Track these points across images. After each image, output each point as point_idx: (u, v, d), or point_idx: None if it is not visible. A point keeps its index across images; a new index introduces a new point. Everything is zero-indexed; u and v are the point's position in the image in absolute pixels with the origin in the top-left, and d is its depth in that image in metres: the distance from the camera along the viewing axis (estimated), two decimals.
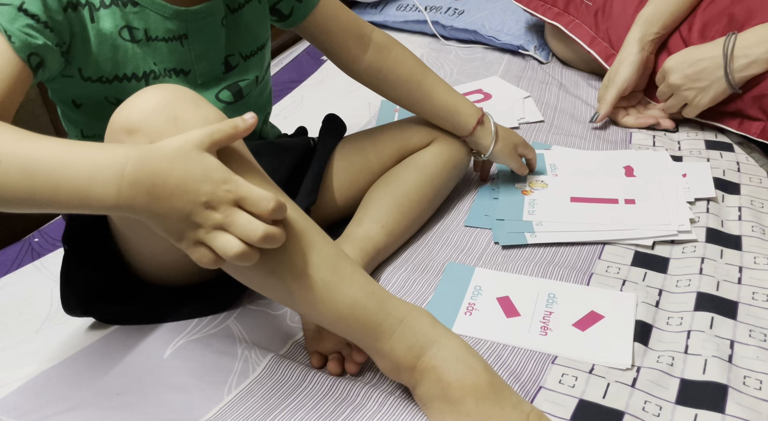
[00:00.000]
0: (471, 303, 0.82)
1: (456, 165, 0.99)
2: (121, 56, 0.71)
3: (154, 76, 0.73)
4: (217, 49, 0.78)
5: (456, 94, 0.97)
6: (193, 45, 0.75)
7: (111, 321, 0.82)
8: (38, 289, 0.90)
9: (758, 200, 0.99)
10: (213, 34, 0.77)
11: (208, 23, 0.76)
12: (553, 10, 1.44)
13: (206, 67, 0.78)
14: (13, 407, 0.71)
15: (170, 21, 0.72)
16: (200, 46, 0.76)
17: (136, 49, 0.71)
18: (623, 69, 1.18)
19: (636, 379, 0.70)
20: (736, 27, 1.12)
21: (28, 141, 0.54)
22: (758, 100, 1.07)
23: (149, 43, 0.72)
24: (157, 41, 0.72)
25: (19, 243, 1.00)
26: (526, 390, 0.69)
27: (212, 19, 0.76)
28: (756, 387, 0.68)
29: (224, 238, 0.55)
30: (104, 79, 0.71)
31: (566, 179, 1.05)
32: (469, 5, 1.70)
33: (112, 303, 0.80)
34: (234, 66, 0.81)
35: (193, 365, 0.75)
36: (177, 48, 0.74)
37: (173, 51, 0.74)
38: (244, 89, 0.81)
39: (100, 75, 0.70)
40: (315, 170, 0.90)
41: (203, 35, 0.76)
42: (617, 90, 1.18)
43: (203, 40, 0.76)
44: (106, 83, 0.71)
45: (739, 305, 0.79)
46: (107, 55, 0.70)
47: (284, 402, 0.69)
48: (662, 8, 1.18)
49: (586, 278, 0.85)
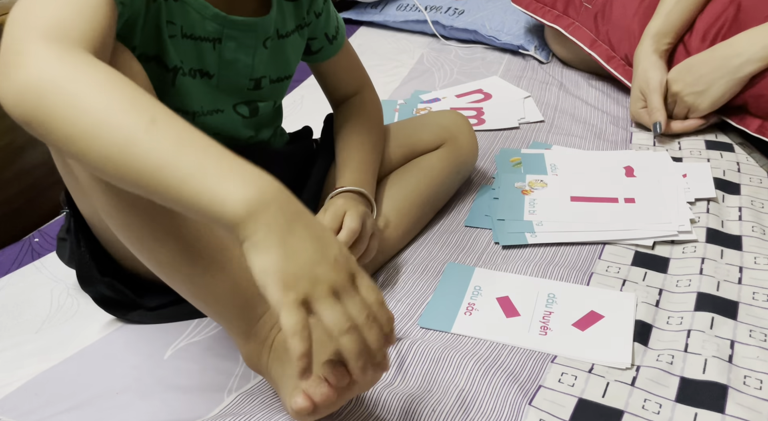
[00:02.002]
0: (471, 303, 0.82)
1: (460, 170, 0.99)
2: (159, 42, 0.70)
3: (182, 73, 0.73)
4: (248, 64, 0.78)
5: (361, 176, 0.86)
6: (224, 51, 0.75)
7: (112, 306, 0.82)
8: (38, 289, 0.90)
9: (758, 200, 0.99)
10: (248, 48, 0.77)
11: (246, 36, 0.76)
12: (552, 13, 1.44)
13: (232, 76, 0.78)
14: (13, 407, 0.71)
15: (208, 22, 0.72)
16: (231, 54, 0.76)
17: (169, 43, 0.71)
18: (653, 74, 1.17)
19: (635, 378, 0.70)
20: (734, 28, 1.13)
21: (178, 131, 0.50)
22: (757, 100, 1.08)
23: (183, 40, 0.71)
24: (190, 39, 0.72)
25: (19, 243, 1.00)
26: (526, 390, 0.69)
27: (252, 35, 0.76)
28: (756, 387, 0.68)
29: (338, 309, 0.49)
30: (143, 57, 0.69)
31: (566, 179, 1.05)
32: (469, 5, 1.71)
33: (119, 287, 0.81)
34: (262, 87, 0.82)
35: (193, 367, 0.75)
36: (208, 50, 0.74)
37: (203, 51, 0.74)
38: (260, 109, 0.83)
39: (141, 52, 0.69)
40: (317, 177, 0.90)
41: (237, 45, 0.76)
42: (659, 95, 1.17)
43: (236, 50, 0.76)
44: (143, 61, 0.69)
45: (739, 305, 0.79)
46: (152, 36, 0.69)
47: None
48: (671, 19, 1.19)
49: (586, 278, 0.85)
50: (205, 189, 0.47)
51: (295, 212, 0.49)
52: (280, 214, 0.48)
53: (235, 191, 0.47)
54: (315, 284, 0.48)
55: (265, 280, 0.47)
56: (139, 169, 0.48)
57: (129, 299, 0.81)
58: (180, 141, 0.48)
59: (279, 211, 0.48)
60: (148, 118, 0.48)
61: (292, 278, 0.47)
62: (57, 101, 0.48)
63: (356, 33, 1.78)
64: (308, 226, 0.49)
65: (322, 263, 0.48)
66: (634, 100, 1.22)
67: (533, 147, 1.18)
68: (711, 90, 1.10)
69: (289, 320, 0.47)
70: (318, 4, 0.84)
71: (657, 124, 1.16)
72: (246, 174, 0.49)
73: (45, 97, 0.48)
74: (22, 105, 0.49)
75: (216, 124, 0.79)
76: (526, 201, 1.00)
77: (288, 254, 0.47)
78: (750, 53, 1.05)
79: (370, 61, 1.61)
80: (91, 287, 0.80)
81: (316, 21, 0.84)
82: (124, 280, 0.80)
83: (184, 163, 0.47)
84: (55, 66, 0.49)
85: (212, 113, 0.79)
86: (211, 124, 0.79)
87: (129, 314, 0.82)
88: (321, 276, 0.48)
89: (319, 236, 0.50)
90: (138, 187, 0.49)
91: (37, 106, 0.48)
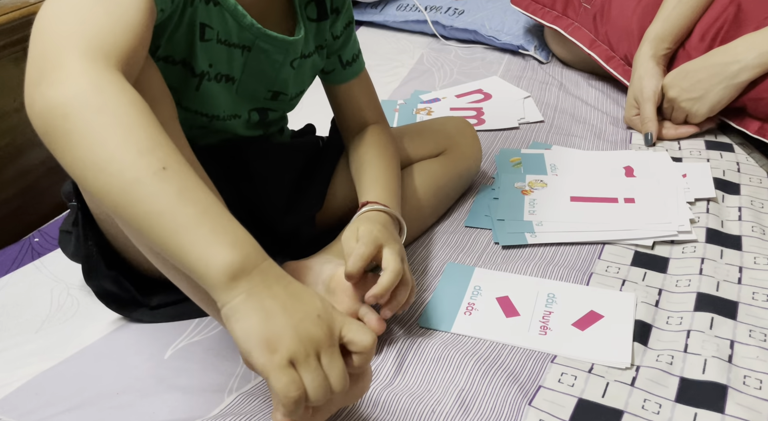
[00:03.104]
0: (470, 303, 0.82)
1: (462, 176, 0.99)
2: (190, 47, 0.70)
3: (207, 78, 0.73)
4: (272, 77, 0.79)
5: (392, 198, 0.82)
6: (250, 60, 0.76)
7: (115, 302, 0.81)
8: (38, 289, 0.90)
9: (758, 200, 0.99)
10: (275, 64, 0.77)
11: (277, 52, 0.76)
12: (552, 14, 1.44)
13: (252, 85, 0.78)
14: (13, 407, 0.71)
15: (244, 31, 0.72)
16: (257, 64, 0.76)
17: (199, 48, 0.70)
18: (648, 83, 1.17)
19: (635, 378, 0.70)
20: (733, 29, 1.13)
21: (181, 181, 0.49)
22: (755, 103, 1.08)
23: (217, 45, 0.71)
24: (224, 45, 0.72)
25: (19, 243, 1.00)
26: (526, 390, 0.69)
27: (283, 52, 0.77)
28: (756, 387, 0.68)
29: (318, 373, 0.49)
30: (170, 60, 0.69)
31: (566, 179, 1.05)
32: (469, 5, 1.71)
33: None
34: (278, 100, 0.83)
35: (194, 367, 0.75)
36: (237, 55, 0.74)
37: (232, 57, 0.74)
38: (270, 116, 0.84)
39: (168, 54, 0.69)
40: (322, 177, 0.90)
41: (265, 57, 0.76)
42: (652, 104, 1.17)
43: (262, 62, 0.76)
44: (170, 64, 0.69)
45: (739, 305, 0.79)
46: (183, 40, 0.69)
47: None
48: (671, 24, 1.18)
49: (585, 278, 0.85)
50: (194, 246, 0.47)
51: (276, 275, 0.50)
52: (259, 279, 0.48)
53: (222, 255, 0.47)
54: (299, 342, 0.47)
55: (247, 345, 0.47)
56: (137, 211, 0.48)
57: (131, 296, 0.81)
58: (184, 192, 0.48)
59: (259, 277, 0.48)
60: (160, 165, 0.48)
61: (274, 338, 0.47)
62: (78, 125, 0.48)
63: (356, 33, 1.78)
64: (288, 286, 0.50)
65: (304, 321, 0.48)
66: (628, 107, 1.22)
67: (533, 147, 1.18)
68: (708, 96, 1.11)
69: (280, 383, 0.46)
70: (337, 27, 0.84)
71: (648, 134, 1.16)
72: (236, 238, 0.49)
73: (68, 119, 0.48)
74: (46, 119, 0.49)
75: (231, 128, 0.81)
76: (526, 201, 1.00)
77: (268, 316, 0.47)
78: (748, 60, 1.06)
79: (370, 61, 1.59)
80: (95, 282, 0.80)
81: (332, 42, 0.85)
82: (128, 277, 0.80)
83: (181, 215, 0.48)
84: (87, 90, 0.49)
85: (231, 118, 0.80)
86: (227, 127, 0.80)
87: (131, 313, 0.82)
88: (304, 334, 0.48)
89: (299, 295, 0.50)
90: (131, 227, 0.50)
91: (59, 125, 0.49)
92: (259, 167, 0.85)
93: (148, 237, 0.49)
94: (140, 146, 0.48)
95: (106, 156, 0.48)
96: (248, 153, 0.84)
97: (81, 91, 0.49)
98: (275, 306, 0.48)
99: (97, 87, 0.49)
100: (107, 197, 0.49)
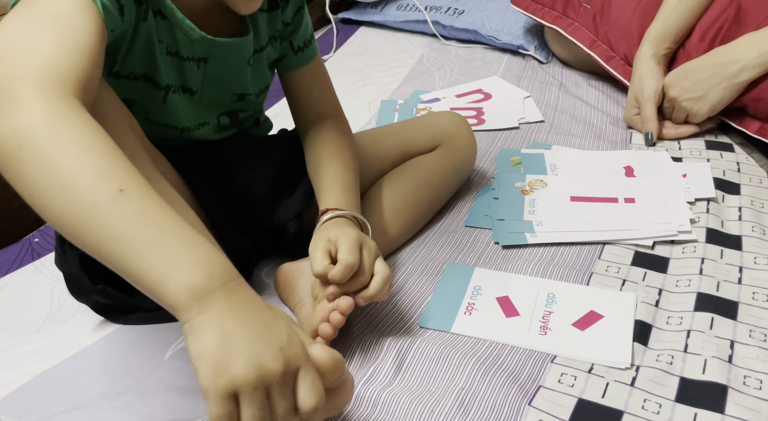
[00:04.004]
0: (470, 303, 0.82)
1: (458, 170, 0.99)
2: (151, 60, 0.71)
3: (173, 90, 0.74)
4: (234, 81, 0.80)
5: (351, 200, 0.82)
6: (209, 70, 0.76)
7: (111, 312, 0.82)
8: (38, 289, 0.90)
9: (758, 200, 0.99)
10: (234, 67, 0.78)
11: (232, 56, 0.77)
12: (551, 14, 1.44)
13: (216, 92, 0.79)
14: (13, 407, 0.71)
15: (195, 44, 0.73)
16: (216, 73, 0.77)
17: (161, 61, 0.71)
18: (648, 83, 1.17)
19: (635, 378, 0.70)
20: (733, 28, 1.13)
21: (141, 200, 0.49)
22: (756, 102, 1.08)
23: (167, 57, 0.73)
24: (175, 57, 0.73)
25: (19, 243, 1.00)
26: (526, 390, 0.69)
27: (238, 54, 0.78)
28: (756, 387, 0.68)
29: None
30: (132, 76, 0.70)
31: (566, 179, 1.05)
32: (469, 5, 1.71)
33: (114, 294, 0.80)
34: (245, 100, 0.84)
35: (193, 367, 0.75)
36: (192, 68, 0.75)
37: (188, 70, 0.75)
38: (240, 116, 0.85)
39: (130, 72, 0.69)
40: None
41: (223, 64, 0.77)
42: (653, 104, 1.17)
43: (221, 69, 0.77)
44: (131, 79, 0.69)
45: (739, 305, 0.79)
46: (143, 54, 0.70)
47: None
48: (671, 23, 1.18)
49: (585, 278, 0.85)
50: (153, 269, 0.46)
51: (243, 297, 0.48)
52: (223, 300, 0.47)
53: (182, 276, 0.46)
54: (249, 373, 0.45)
55: (197, 363, 0.45)
56: (96, 236, 0.47)
57: (126, 303, 0.81)
58: (143, 215, 0.48)
59: (223, 297, 0.47)
60: (117, 187, 0.47)
61: (224, 363, 0.45)
62: (33, 153, 0.48)
63: (356, 33, 1.78)
64: (255, 311, 0.48)
65: (263, 352, 0.46)
66: (628, 106, 1.22)
67: (533, 147, 1.18)
68: (709, 96, 1.11)
69: (212, 412, 0.45)
70: (287, 14, 0.84)
71: (648, 134, 1.16)
72: (200, 257, 0.47)
73: (23, 148, 0.48)
74: (2, 150, 0.49)
75: (203, 136, 0.82)
76: (526, 201, 1.00)
77: (225, 338, 0.45)
78: (748, 59, 1.06)
79: (370, 61, 1.61)
80: (85, 298, 0.80)
81: (284, 29, 0.85)
82: (120, 283, 0.80)
83: (140, 239, 0.47)
84: (40, 120, 0.49)
85: (199, 127, 0.81)
86: (198, 136, 0.81)
87: (129, 318, 0.82)
88: (258, 366, 0.45)
89: (267, 323, 0.47)
90: (92, 252, 0.49)
91: (15, 155, 0.48)
92: (239, 164, 0.85)
93: (109, 262, 0.48)
94: (96, 169, 0.48)
95: (61, 182, 0.47)
96: (227, 151, 0.85)
97: (35, 121, 0.48)
98: (236, 330, 0.46)
99: (50, 116, 0.49)
100: (67, 224, 0.48)
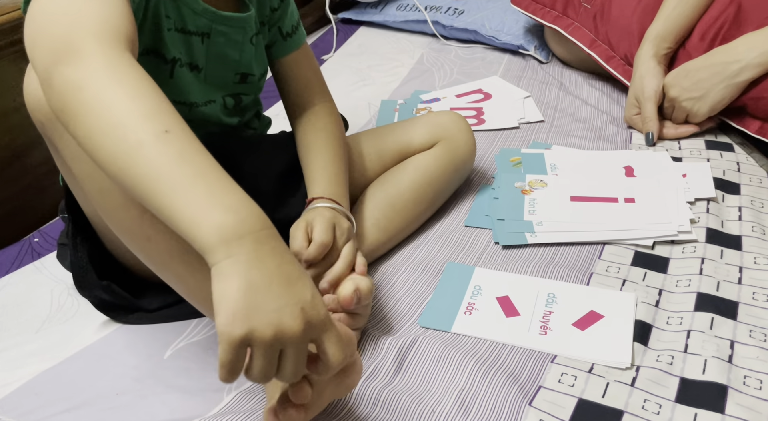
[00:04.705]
0: (471, 303, 0.82)
1: (458, 168, 0.99)
2: (158, 35, 0.72)
3: (180, 64, 0.75)
4: (236, 60, 0.81)
5: (338, 189, 0.83)
6: (211, 46, 0.77)
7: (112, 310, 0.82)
8: (38, 289, 0.90)
9: (758, 200, 0.99)
10: (236, 43, 0.79)
11: (235, 32, 0.78)
12: (552, 14, 1.44)
13: (219, 70, 0.80)
14: (13, 407, 0.71)
15: (199, 17, 0.74)
16: (219, 49, 0.78)
17: (167, 36, 0.73)
18: (649, 83, 1.17)
19: (635, 378, 0.70)
20: (733, 28, 1.13)
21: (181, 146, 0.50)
22: (756, 102, 1.08)
23: (175, 34, 0.74)
24: (181, 33, 0.74)
25: (19, 243, 1.00)
26: (526, 390, 0.69)
27: (241, 31, 0.79)
28: (756, 387, 0.68)
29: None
30: (143, 51, 0.71)
31: (566, 179, 1.04)
32: (469, 5, 1.71)
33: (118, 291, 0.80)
34: (248, 82, 0.84)
35: (193, 366, 0.75)
36: (197, 44, 0.76)
37: (193, 45, 0.76)
38: (243, 100, 0.86)
39: (141, 46, 0.70)
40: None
41: (226, 40, 0.78)
42: (653, 104, 1.17)
43: (224, 45, 0.79)
44: (141, 55, 0.70)
45: (739, 305, 0.79)
46: (151, 29, 0.71)
47: None
48: (672, 23, 1.18)
49: (586, 278, 0.85)
50: (188, 207, 0.47)
51: (272, 248, 0.48)
52: (253, 247, 0.47)
53: (214, 217, 0.47)
54: (267, 328, 0.45)
55: (218, 306, 0.45)
56: (138, 172, 0.49)
57: (128, 301, 0.81)
58: (183, 156, 0.49)
59: (253, 244, 0.47)
60: (163, 128, 0.50)
61: (243, 312, 0.45)
62: (90, 95, 0.51)
63: (356, 33, 1.78)
64: (282, 265, 0.48)
65: (284, 310, 0.46)
66: (629, 106, 1.22)
67: (533, 147, 1.18)
68: (709, 95, 1.11)
69: (224, 357, 0.45)
70: (274, 0, 0.85)
71: (649, 134, 1.16)
72: (233, 202, 0.48)
73: (83, 90, 0.51)
74: (63, 94, 0.51)
75: (211, 114, 0.82)
76: (526, 201, 1.00)
77: (249, 287, 0.45)
78: (748, 59, 1.06)
79: (370, 61, 1.61)
80: (88, 292, 0.80)
81: (271, 15, 0.86)
82: (124, 282, 0.80)
83: (178, 177, 0.48)
84: (101, 67, 0.52)
85: (207, 104, 0.81)
86: (207, 114, 0.82)
87: (129, 317, 0.82)
88: (277, 322, 0.46)
89: (292, 279, 0.48)
90: (134, 191, 0.50)
91: (75, 97, 0.51)
92: (247, 161, 0.85)
93: (146, 201, 0.49)
94: (145, 111, 0.50)
95: (113, 121, 0.50)
96: (236, 147, 0.85)
97: (95, 68, 0.51)
98: (261, 281, 0.46)
99: (108, 64, 0.52)
100: (113, 162, 0.50)
